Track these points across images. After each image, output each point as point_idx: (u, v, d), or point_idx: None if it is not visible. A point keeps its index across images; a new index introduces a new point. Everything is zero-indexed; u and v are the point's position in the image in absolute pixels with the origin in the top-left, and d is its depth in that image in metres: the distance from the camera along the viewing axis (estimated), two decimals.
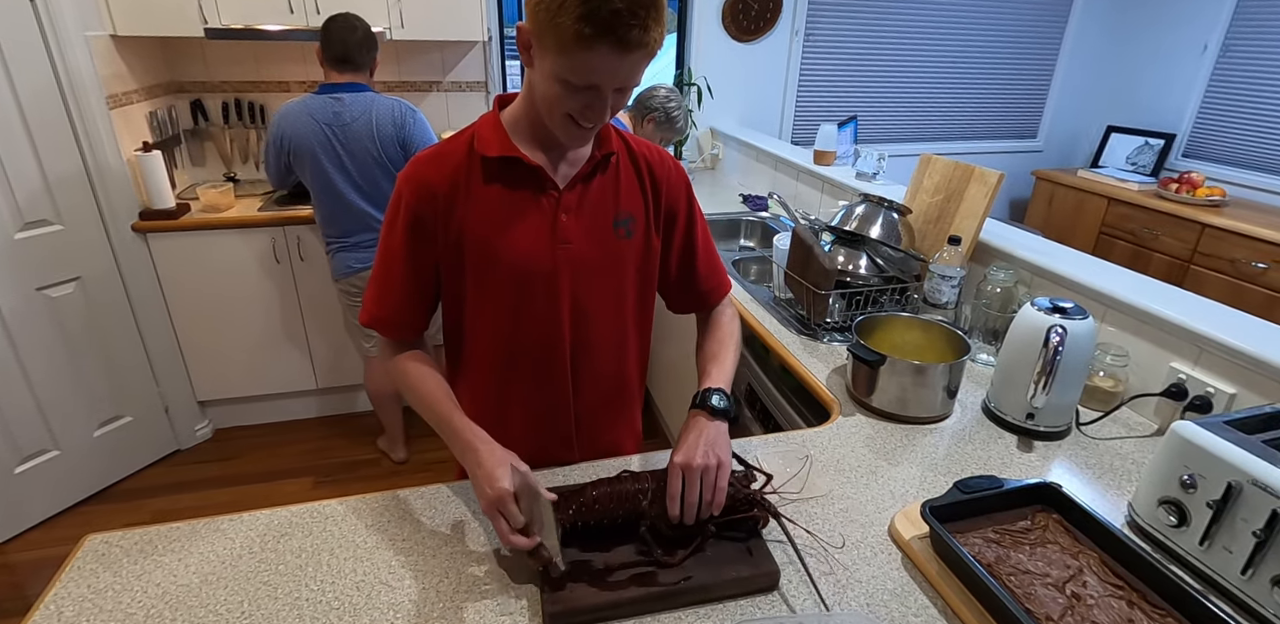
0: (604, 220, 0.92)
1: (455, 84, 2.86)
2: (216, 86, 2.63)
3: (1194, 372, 1.12)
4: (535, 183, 0.89)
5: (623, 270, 0.96)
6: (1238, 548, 0.78)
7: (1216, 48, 3.22)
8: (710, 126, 3.22)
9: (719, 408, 0.89)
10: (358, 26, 1.96)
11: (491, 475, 0.77)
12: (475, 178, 0.88)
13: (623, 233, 0.94)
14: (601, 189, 0.92)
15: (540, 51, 0.78)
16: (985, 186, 1.49)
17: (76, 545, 0.84)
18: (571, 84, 0.77)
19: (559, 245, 0.90)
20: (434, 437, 0.91)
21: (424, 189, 0.88)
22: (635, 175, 0.95)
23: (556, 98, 0.79)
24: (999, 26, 3.48)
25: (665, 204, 0.98)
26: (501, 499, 0.75)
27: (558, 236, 0.90)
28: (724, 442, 0.86)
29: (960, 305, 1.49)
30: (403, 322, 0.95)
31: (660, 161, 0.97)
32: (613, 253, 0.94)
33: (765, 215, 2.52)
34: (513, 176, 0.88)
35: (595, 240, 0.92)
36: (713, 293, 1.06)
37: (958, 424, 1.16)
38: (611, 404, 1.06)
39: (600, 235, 0.92)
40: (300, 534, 0.87)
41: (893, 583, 0.81)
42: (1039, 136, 3.86)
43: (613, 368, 1.02)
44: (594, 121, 0.82)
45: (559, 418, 1.02)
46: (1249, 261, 2.67)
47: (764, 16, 3.09)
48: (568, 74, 0.76)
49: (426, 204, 0.88)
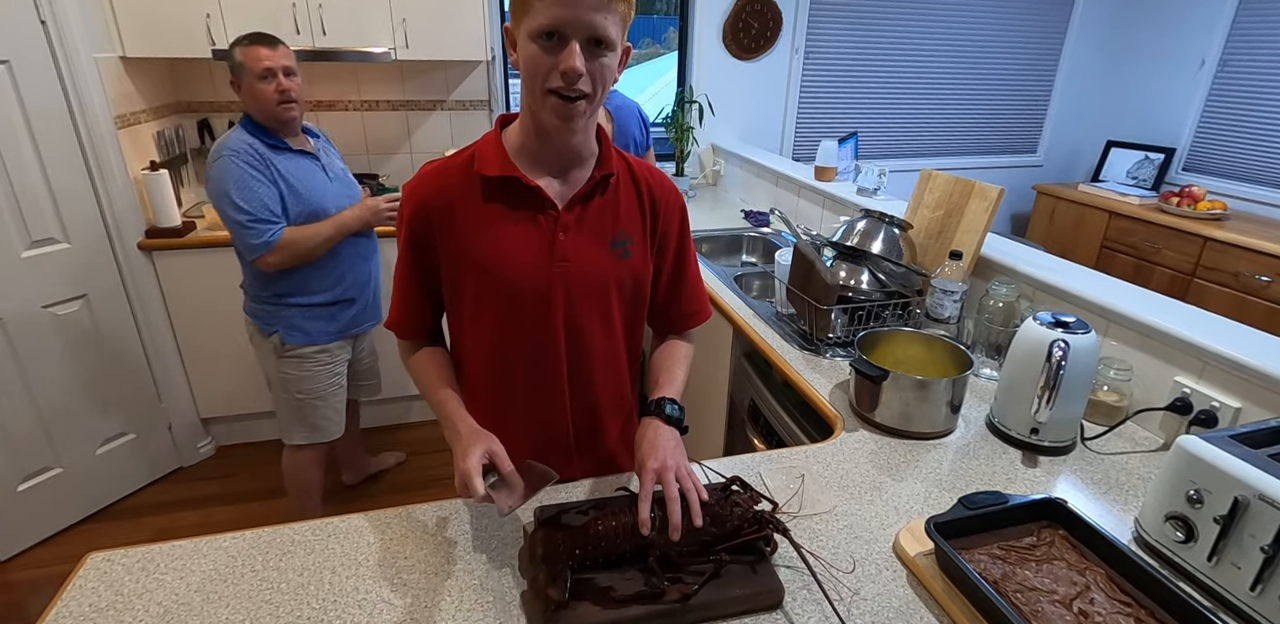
0: (602, 240, 0.94)
1: (459, 103, 2.90)
2: (223, 106, 2.67)
3: (1198, 386, 1.12)
4: (534, 202, 0.90)
5: (618, 289, 0.97)
6: (1246, 564, 0.77)
7: (1214, 62, 3.25)
8: (712, 143, 3.26)
9: (673, 416, 0.93)
10: None
11: (464, 453, 0.82)
12: (475, 195, 0.90)
13: (620, 252, 0.95)
14: (600, 209, 0.94)
15: (516, 24, 0.82)
16: (986, 201, 1.50)
17: (78, 563, 0.84)
18: (540, 34, 0.78)
19: (557, 263, 0.91)
20: (436, 454, 0.91)
21: (421, 205, 0.91)
22: (635, 196, 0.97)
23: (534, 63, 0.80)
24: (998, 42, 3.52)
25: (661, 227, 1.00)
26: (466, 474, 0.79)
27: (556, 255, 0.91)
28: (682, 448, 0.89)
29: (963, 320, 1.49)
30: (410, 324, 1.01)
31: (660, 184, 1.00)
32: (609, 272, 0.95)
33: (767, 231, 2.53)
34: (512, 195, 0.90)
35: (592, 259, 0.93)
36: (692, 317, 1.09)
37: (961, 439, 1.16)
38: (608, 417, 1.06)
39: (597, 254, 0.94)
40: (302, 552, 0.86)
41: (898, 601, 0.81)
42: (1039, 151, 3.88)
43: (608, 381, 1.03)
44: (574, 81, 0.79)
45: (556, 429, 1.03)
46: (1252, 275, 2.66)
47: (764, 35, 3.13)
48: (534, 22, 0.78)
49: (423, 220, 0.91)
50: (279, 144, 1.70)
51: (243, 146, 1.65)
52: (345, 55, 2.39)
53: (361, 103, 2.79)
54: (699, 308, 1.09)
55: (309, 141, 1.81)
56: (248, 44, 1.66)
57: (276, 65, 1.65)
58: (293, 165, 1.71)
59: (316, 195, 1.74)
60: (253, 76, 1.64)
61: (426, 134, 2.91)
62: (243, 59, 1.65)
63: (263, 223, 1.64)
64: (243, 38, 1.68)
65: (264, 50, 1.65)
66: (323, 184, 1.77)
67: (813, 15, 3.18)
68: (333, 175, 1.81)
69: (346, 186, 1.85)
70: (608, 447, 1.08)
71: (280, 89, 1.66)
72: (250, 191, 1.63)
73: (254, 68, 1.64)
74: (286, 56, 1.68)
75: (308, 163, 1.76)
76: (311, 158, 1.78)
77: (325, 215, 1.74)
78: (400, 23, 2.40)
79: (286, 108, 1.68)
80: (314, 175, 1.76)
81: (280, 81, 1.66)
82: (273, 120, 1.69)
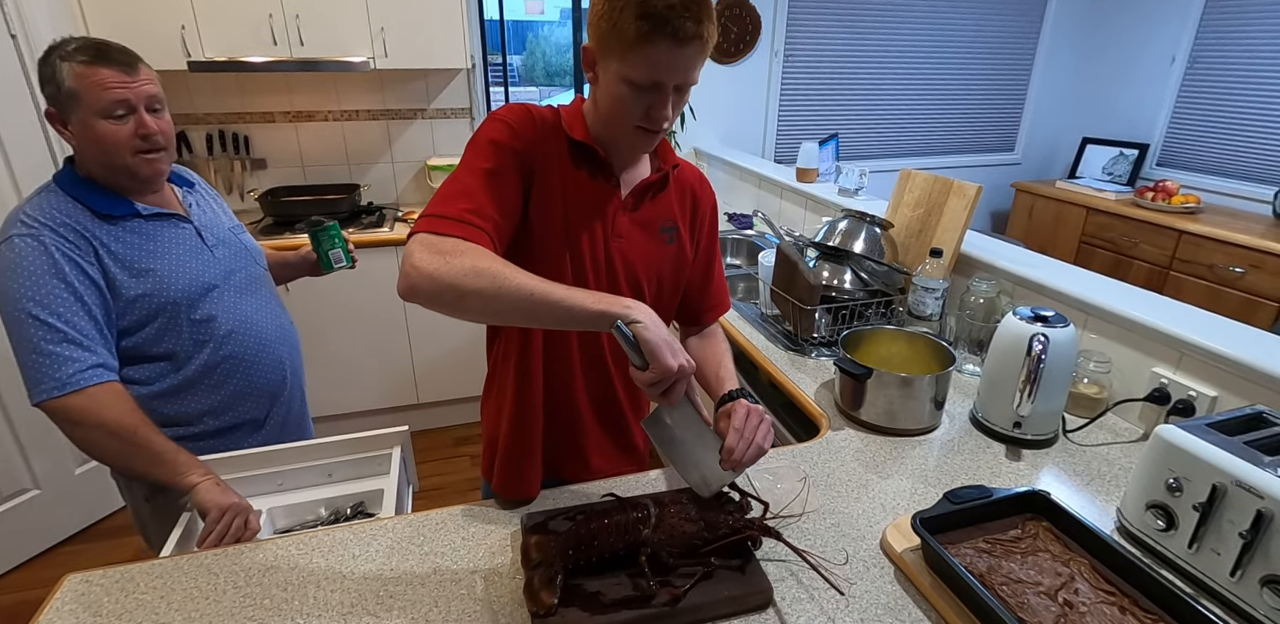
0: (654, 225, 1.00)
1: (440, 111, 2.89)
2: (200, 118, 2.64)
3: (1176, 376, 1.14)
4: (605, 177, 0.95)
5: (659, 272, 1.02)
6: (1225, 550, 0.78)
7: (1184, 59, 3.32)
8: (694, 147, 3.27)
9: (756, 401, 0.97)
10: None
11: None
12: (564, 153, 0.92)
13: (667, 238, 1.01)
14: (656, 199, 1.01)
15: (604, 62, 0.85)
16: (964, 199, 1.52)
17: (55, 585, 0.82)
18: (636, 84, 0.83)
19: (613, 238, 0.96)
20: (421, 465, 0.90)
21: (532, 142, 0.88)
22: (680, 190, 1.04)
23: (623, 102, 0.85)
24: (974, 43, 3.57)
25: (698, 221, 1.07)
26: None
27: (614, 230, 0.96)
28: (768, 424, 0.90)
29: (944, 317, 1.50)
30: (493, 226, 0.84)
31: (700, 182, 1.08)
32: (656, 254, 1.00)
33: (750, 233, 2.54)
34: (589, 165, 0.94)
35: (642, 241, 0.99)
36: (715, 309, 1.15)
37: (946, 435, 1.17)
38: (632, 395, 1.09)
39: (647, 237, 0.99)
40: (285, 567, 0.85)
41: (886, 597, 0.81)
42: (1016, 149, 3.93)
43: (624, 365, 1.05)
44: (661, 123, 0.87)
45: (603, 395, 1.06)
46: (1227, 266, 2.71)
47: (744, 39, 3.15)
48: (631, 72, 0.82)
49: (529, 152, 0.88)
50: (117, 211, 1.11)
51: (52, 218, 1.06)
52: (324, 65, 2.38)
53: (341, 112, 2.77)
54: (721, 300, 1.15)
55: (175, 197, 1.23)
56: (85, 62, 1.05)
57: (136, 96, 1.08)
58: (141, 240, 1.13)
59: (185, 276, 1.15)
60: (91, 112, 1.05)
61: (407, 143, 2.90)
62: (76, 85, 1.04)
63: (74, 345, 1.04)
64: (74, 49, 1.05)
65: (111, 73, 1.06)
66: (195, 258, 1.18)
67: (791, 19, 3.21)
68: (214, 241, 1.23)
69: (238, 254, 1.26)
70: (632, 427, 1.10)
71: (143, 132, 1.09)
72: (50, 296, 1.03)
73: (95, 98, 1.05)
74: (150, 81, 1.11)
75: (171, 230, 1.17)
76: (178, 221, 1.19)
77: (203, 301, 1.17)
78: (379, 32, 2.39)
79: (150, 159, 1.11)
80: (180, 246, 1.17)
81: (143, 119, 1.09)
82: (123, 176, 1.12)
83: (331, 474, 1.18)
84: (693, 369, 0.77)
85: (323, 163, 2.83)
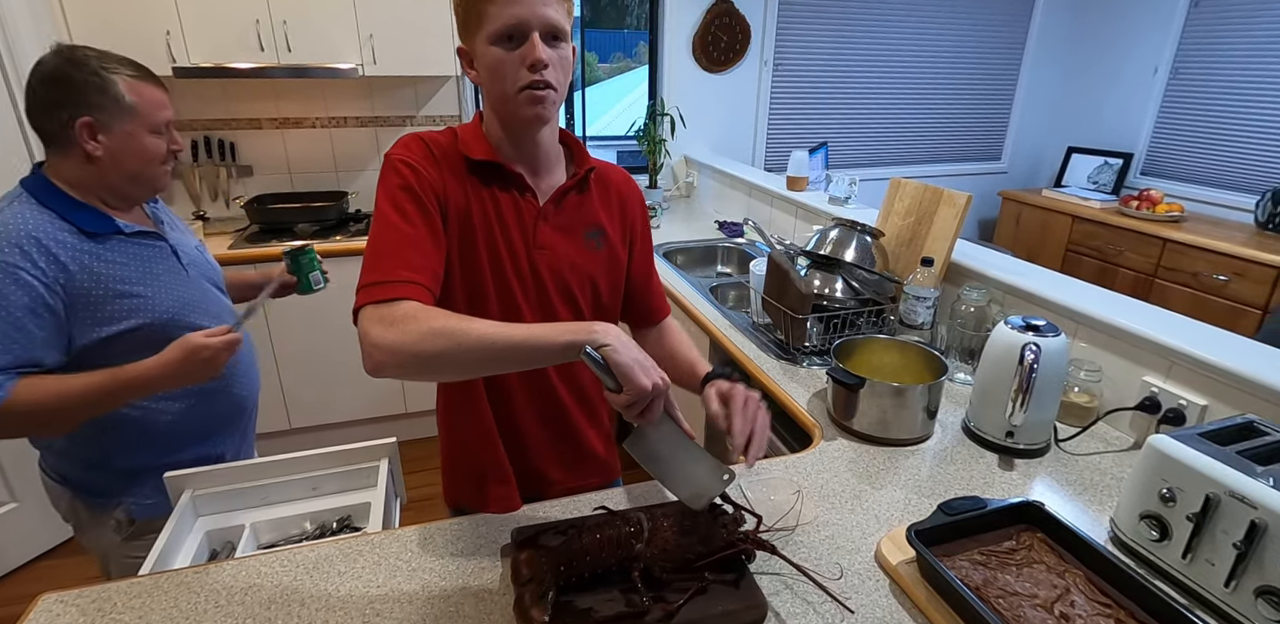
0: (577, 230, 0.98)
1: (429, 118, 2.88)
2: (185, 125, 2.62)
3: (1166, 385, 1.14)
4: (516, 190, 0.93)
5: (590, 279, 1.00)
6: (1220, 560, 0.78)
7: (1166, 70, 3.37)
8: (684, 155, 3.27)
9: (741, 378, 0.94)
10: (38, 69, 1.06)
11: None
12: (464, 174, 0.91)
13: (593, 244, 0.99)
14: (577, 204, 0.98)
15: (471, 41, 0.85)
16: (955, 208, 1.52)
17: (29, 605, 0.80)
18: (501, 36, 0.82)
19: (534, 250, 0.94)
20: (414, 473, 0.89)
21: (432, 169, 0.88)
22: (603, 192, 1.02)
23: (500, 66, 0.83)
24: (961, 54, 3.61)
25: (627, 221, 1.05)
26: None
27: (535, 242, 0.94)
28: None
29: (936, 325, 1.50)
30: (435, 280, 0.84)
31: (625, 181, 1.05)
32: (582, 262, 0.98)
33: (741, 241, 2.54)
34: (495, 181, 0.92)
35: (567, 249, 0.97)
36: (660, 309, 1.14)
37: (939, 445, 1.16)
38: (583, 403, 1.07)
39: (572, 245, 0.97)
40: (269, 585, 0.83)
41: (881, 611, 0.80)
42: (1003, 158, 3.97)
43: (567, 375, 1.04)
44: (540, 70, 0.83)
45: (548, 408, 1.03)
46: (1211, 274, 2.74)
47: (733, 48, 3.17)
48: (491, 26, 0.82)
49: (437, 180, 0.88)
50: (102, 229, 1.07)
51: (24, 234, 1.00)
52: (312, 72, 2.37)
53: (329, 119, 2.76)
54: (664, 300, 1.14)
55: (145, 212, 1.20)
56: (135, 77, 1.08)
57: (173, 116, 1.14)
58: (126, 259, 1.09)
59: (169, 298, 1.13)
60: (143, 126, 1.08)
61: None
62: (136, 100, 1.07)
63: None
64: (116, 61, 1.08)
65: (158, 92, 1.11)
66: (173, 277, 1.16)
67: (780, 28, 3.23)
68: (187, 260, 1.20)
69: (205, 274, 1.26)
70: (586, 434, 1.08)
71: (175, 148, 1.14)
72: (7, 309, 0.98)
73: (151, 114, 1.09)
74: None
75: (150, 250, 1.14)
76: (155, 239, 1.16)
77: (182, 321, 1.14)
78: (368, 38, 2.38)
79: (168, 172, 1.16)
80: (159, 266, 1.14)
81: (175, 137, 1.14)
82: (145, 188, 1.14)
83: (316, 487, 1.15)
84: (668, 386, 0.76)
85: (310, 170, 2.81)
